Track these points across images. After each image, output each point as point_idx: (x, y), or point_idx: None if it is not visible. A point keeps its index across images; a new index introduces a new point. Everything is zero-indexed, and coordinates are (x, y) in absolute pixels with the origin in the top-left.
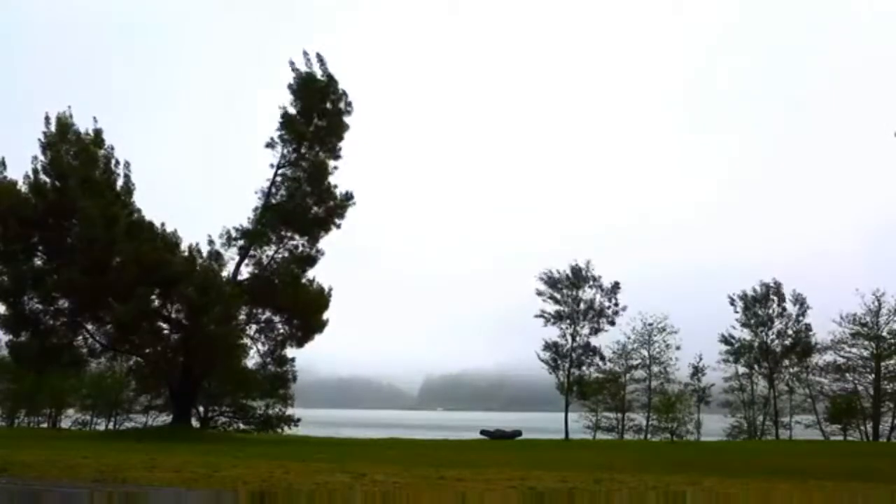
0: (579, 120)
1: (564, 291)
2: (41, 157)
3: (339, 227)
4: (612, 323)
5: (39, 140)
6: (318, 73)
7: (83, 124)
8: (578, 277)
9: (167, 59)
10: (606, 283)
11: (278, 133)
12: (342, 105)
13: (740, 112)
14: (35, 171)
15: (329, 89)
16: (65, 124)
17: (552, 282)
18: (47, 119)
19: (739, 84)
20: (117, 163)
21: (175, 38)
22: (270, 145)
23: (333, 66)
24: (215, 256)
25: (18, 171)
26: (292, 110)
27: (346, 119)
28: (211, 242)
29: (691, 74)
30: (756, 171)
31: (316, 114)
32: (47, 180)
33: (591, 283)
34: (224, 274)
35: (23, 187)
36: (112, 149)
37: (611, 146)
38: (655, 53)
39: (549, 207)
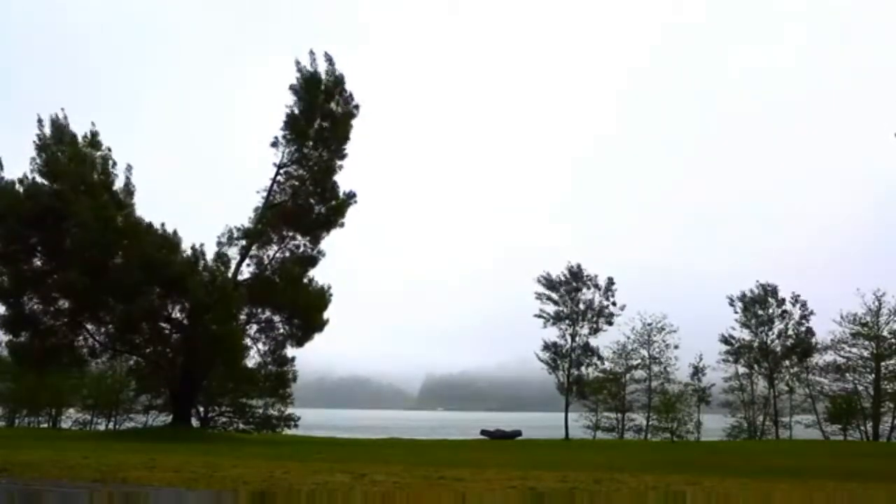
0: (578, 120)
1: (562, 290)
2: (37, 160)
3: (342, 226)
4: (611, 323)
5: (34, 142)
6: (325, 74)
7: (82, 126)
8: (576, 279)
9: (168, 59)
10: (602, 280)
11: (282, 132)
12: (349, 106)
13: (740, 110)
14: (32, 173)
15: (336, 90)
16: (59, 127)
17: (550, 284)
18: (40, 121)
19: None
20: (114, 164)
21: (177, 37)
22: (275, 144)
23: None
24: (223, 258)
25: (16, 172)
26: (296, 110)
27: (353, 120)
28: (220, 244)
29: (692, 73)
30: (754, 170)
31: (320, 113)
32: (44, 182)
33: (589, 282)
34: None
35: (20, 189)
36: (109, 150)
37: (611, 146)
38: (656, 54)
39: (549, 208)
